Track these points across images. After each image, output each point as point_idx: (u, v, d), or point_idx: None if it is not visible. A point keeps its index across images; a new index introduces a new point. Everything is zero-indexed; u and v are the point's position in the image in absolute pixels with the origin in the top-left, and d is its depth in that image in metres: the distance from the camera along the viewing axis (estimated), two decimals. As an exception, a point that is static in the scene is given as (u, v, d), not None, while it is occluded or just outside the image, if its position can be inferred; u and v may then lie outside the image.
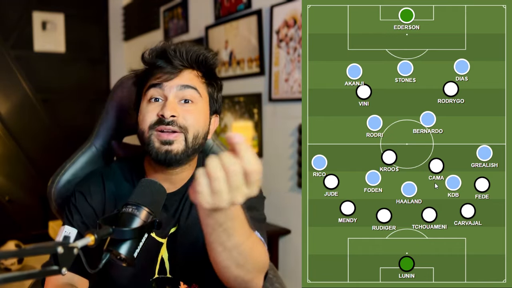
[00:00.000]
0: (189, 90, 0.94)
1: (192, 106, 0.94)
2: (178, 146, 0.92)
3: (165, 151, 0.91)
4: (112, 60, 4.03)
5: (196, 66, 0.97)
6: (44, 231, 3.56)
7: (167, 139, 0.91)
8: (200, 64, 0.97)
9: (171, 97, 0.93)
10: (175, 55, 0.94)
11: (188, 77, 0.95)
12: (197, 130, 0.94)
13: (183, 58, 0.94)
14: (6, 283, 0.52)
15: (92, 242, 0.65)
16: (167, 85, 0.93)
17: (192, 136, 0.93)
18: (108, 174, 1.03)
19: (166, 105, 0.92)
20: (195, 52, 0.95)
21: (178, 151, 0.92)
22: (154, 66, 0.95)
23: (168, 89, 0.93)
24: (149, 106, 0.94)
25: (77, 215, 0.98)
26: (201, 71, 0.98)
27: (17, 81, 3.62)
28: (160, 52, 0.96)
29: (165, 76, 0.93)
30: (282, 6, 2.25)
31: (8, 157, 3.59)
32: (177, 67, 0.94)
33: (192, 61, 0.96)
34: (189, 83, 0.95)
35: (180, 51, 0.94)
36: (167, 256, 0.98)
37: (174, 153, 0.92)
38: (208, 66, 0.98)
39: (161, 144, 0.91)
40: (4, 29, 3.57)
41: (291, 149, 2.26)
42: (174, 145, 0.91)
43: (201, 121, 0.95)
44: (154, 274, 0.98)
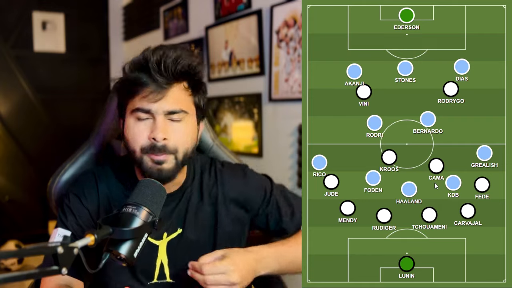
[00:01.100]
0: (177, 114, 0.91)
1: (182, 125, 0.93)
2: (169, 165, 0.92)
3: (157, 169, 0.91)
4: (112, 60, 4.03)
5: (182, 79, 0.93)
6: (44, 231, 3.56)
7: (159, 159, 0.91)
8: (186, 76, 0.93)
9: (160, 118, 0.90)
10: (159, 70, 0.89)
11: (175, 96, 0.91)
12: (187, 148, 0.94)
13: (168, 73, 0.89)
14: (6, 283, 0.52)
15: (92, 242, 0.65)
16: (154, 107, 0.90)
17: (182, 155, 0.93)
18: (101, 175, 1.03)
19: (156, 127, 0.89)
20: (180, 64, 0.91)
21: (170, 170, 0.92)
22: (138, 82, 0.90)
23: (155, 111, 0.90)
24: (138, 126, 0.91)
25: (72, 217, 0.98)
26: (188, 83, 0.94)
27: (17, 81, 3.62)
28: (142, 66, 0.90)
29: (151, 95, 0.89)
30: (282, 6, 2.25)
31: (8, 157, 3.59)
32: (162, 85, 0.89)
33: (178, 75, 0.91)
34: (176, 107, 0.91)
35: (165, 65, 0.89)
36: (167, 262, 0.98)
37: (165, 171, 0.92)
38: (195, 77, 0.95)
39: (153, 163, 0.91)
40: (4, 29, 3.57)
41: (291, 149, 2.26)
42: (165, 164, 0.91)
43: (189, 137, 0.95)
44: (152, 278, 0.98)
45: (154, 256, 0.98)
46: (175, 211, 1.00)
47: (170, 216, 0.99)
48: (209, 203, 1.02)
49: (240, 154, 2.54)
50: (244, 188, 1.06)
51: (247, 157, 2.50)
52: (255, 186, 1.09)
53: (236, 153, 1.90)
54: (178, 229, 0.99)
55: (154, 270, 0.98)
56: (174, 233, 0.99)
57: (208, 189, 1.03)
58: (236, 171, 1.09)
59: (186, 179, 1.02)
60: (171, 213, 0.99)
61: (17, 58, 3.62)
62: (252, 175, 1.11)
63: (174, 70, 0.90)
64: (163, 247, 0.98)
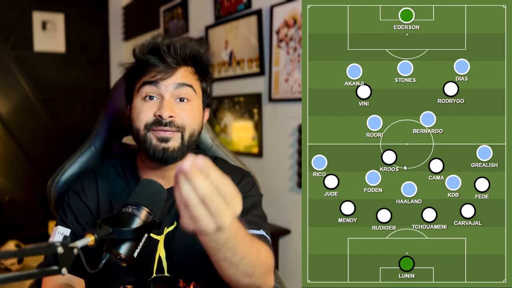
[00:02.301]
0: (185, 88, 0.93)
1: (188, 105, 0.94)
2: (174, 144, 0.92)
3: (162, 148, 0.91)
4: (112, 60, 4.03)
5: (190, 63, 0.96)
6: (44, 231, 3.56)
7: (164, 136, 0.91)
8: (194, 60, 0.96)
9: (167, 96, 0.92)
10: (168, 52, 0.92)
11: (183, 74, 0.94)
12: (193, 128, 0.95)
13: (177, 55, 0.92)
14: (6, 283, 0.52)
15: (92, 242, 0.65)
16: (163, 84, 0.92)
17: (189, 135, 0.94)
18: (101, 172, 1.03)
19: (163, 105, 0.91)
20: (189, 48, 0.94)
21: (175, 148, 0.92)
22: (147, 63, 0.93)
23: (164, 88, 0.92)
24: (145, 104, 0.93)
25: (71, 215, 0.98)
26: (195, 68, 0.97)
27: (17, 81, 3.62)
28: (153, 48, 0.93)
29: (159, 74, 0.92)
30: (282, 6, 2.25)
31: (8, 157, 3.59)
32: (171, 65, 0.92)
33: (186, 58, 0.94)
34: (185, 81, 0.94)
35: (174, 48, 0.92)
36: (164, 255, 0.98)
37: (171, 150, 0.92)
38: (202, 62, 0.98)
39: (158, 141, 0.91)
40: (4, 29, 3.57)
41: (291, 149, 2.26)
42: (171, 142, 0.92)
43: (196, 118, 0.96)
44: (152, 273, 0.98)
45: (154, 250, 0.98)
46: (173, 206, 1.00)
47: (169, 211, 0.99)
48: None
49: (240, 154, 2.54)
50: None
51: (247, 157, 2.50)
52: (242, 191, 1.02)
53: (236, 153, 1.90)
54: (174, 222, 0.99)
55: (154, 265, 0.98)
56: (171, 226, 0.99)
57: None
58: (235, 174, 1.05)
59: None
60: (170, 208, 0.99)
61: (17, 58, 3.62)
62: (247, 184, 1.04)
63: (182, 53, 0.93)
64: (162, 241, 0.98)
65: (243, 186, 1.01)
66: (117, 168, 1.04)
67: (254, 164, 2.44)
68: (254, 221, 0.95)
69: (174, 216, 0.99)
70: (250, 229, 0.91)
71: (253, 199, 1.00)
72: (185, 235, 0.99)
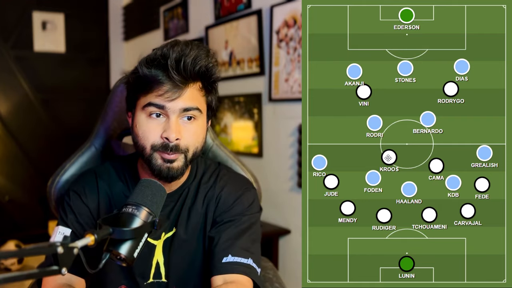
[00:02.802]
0: (192, 111, 0.91)
1: (194, 124, 0.93)
2: (178, 164, 0.92)
3: (167, 168, 0.91)
4: (112, 60, 4.03)
5: (199, 79, 0.92)
6: (44, 231, 3.56)
7: (169, 158, 0.91)
8: (203, 76, 0.93)
9: (173, 118, 0.90)
10: (177, 68, 0.87)
11: (190, 95, 0.91)
12: (197, 147, 0.94)
13: (186, 72, 0.88)
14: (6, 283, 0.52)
15: (92, 242, 0.65)
16: (170, 107, 0.89)
17: (192, 154, 0.93)
18: (102, 173, 1.03)
19: (170, 126, 0.89)
20: (199, 65, 0.89)
21: (179, 168, 0.92)
22: (153, 79, 0.89)
23: (171, 111, 0.89)
24: (151, 123, 0.91)
25: (72, 215, 0.98)
26: (202, 83, 0.94)
27: (17, 81, 3.62)
28: (160, 62, 0.89)
29: (166, 94, 0.88)
30: (282, 6, 2.25)
31: (8, 157, 3.59)
32: (178, 84, 0.88)
33: (195, 75, 0.90)
34: (192, 104, 0.91)
35: (184, 64, 0.88)
36: (162, 261, 0.98)
37: (175, 169, 0.92)
38: (211, 79, 0.95)
39: (163, 161, 0.91)
40: (4, 29, 3.57)
41: (291, 149, 2.26)
42: (175, 163, 0.91)
43: (200, 137, 0.95)
44: (149, 278, 0.98)
45: (151, 255, 0.98)
46: (173, 211, 1.00)
47: (168, 216, 0.99)
48: (202, 204, 1.02)
49: (240, 154, 2.54)
50: (233, 201, 1.01)
51: (247, 157, 2.50)
52: (241, 204, 1.02)
53: (236, 153, 1.90)
54: (173, 228, 0.99)
55: (151, 269, 0.98)
56: (170, 232, 0.99)
57: (204, 190, 1.03)
58: (237, 185, 1.05)
59: (187, 180, 1.02)
60: (169, 213, 0.99)
61: (17, 58, 3.62)
62: (247, 200, 1.03)
63: (192, 70, 0.89)
64: (160, 247, 0.99)
65: (242, 202, 1.01)
66: (118, 170, 1.04)
67: (254, 164, 2.44)
68: (246, 247, 0.94)
69: (173, 222, 0.99)
70: (238, 257, 0.92)
71: (251, 218, 1.00)
72: (183, 243, 0.99)
